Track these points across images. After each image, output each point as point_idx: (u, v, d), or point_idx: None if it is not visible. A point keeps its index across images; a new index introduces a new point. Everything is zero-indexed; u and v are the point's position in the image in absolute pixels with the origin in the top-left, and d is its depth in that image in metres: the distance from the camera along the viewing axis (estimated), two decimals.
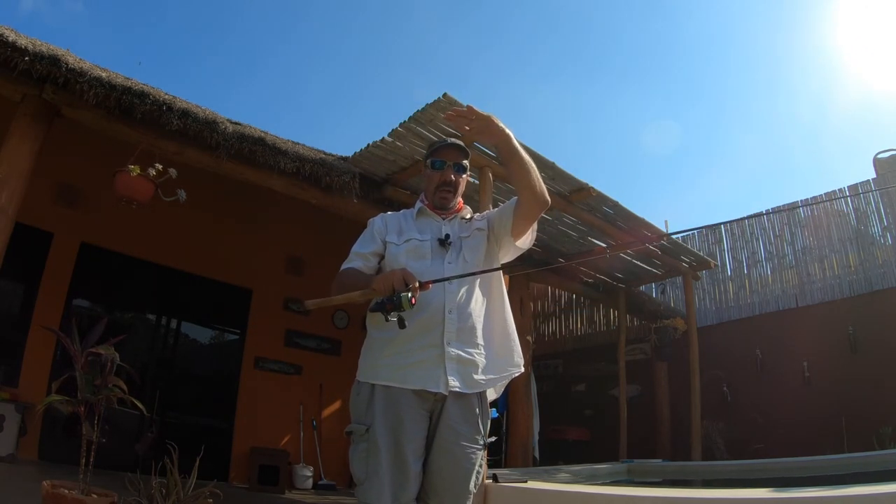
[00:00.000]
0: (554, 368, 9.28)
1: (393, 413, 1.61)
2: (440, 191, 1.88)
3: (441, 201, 1.88)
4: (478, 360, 1.71)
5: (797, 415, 6.31)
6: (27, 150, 3.64)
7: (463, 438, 1.66)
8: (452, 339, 1.67)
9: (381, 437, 1.59)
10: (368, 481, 1.57)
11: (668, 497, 3.11)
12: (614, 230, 5.83)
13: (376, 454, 1.58)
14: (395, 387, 1.63)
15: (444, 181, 1.87)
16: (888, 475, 3.28)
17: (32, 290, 5.24)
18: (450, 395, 1.64)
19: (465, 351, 1.68)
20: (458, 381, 1.65)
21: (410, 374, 1.63)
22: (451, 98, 4.09)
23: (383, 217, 1.94)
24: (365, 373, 1.72)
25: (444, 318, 1.67)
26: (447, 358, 1.65)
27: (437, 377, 1.63)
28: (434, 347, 1.65)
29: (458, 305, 1.71)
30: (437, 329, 1.66)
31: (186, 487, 3.06)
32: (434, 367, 1.64)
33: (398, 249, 1.79)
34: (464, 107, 1.68)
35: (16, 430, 4.61)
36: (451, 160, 1.87)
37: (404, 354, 1.65)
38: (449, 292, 1.70)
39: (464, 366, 1.67)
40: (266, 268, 6.78)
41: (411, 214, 1.93)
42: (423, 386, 1.62)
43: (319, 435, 6.64)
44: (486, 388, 1.75)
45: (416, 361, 1.64)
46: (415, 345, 1.65)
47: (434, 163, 1.89)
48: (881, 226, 6.75)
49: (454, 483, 1.64)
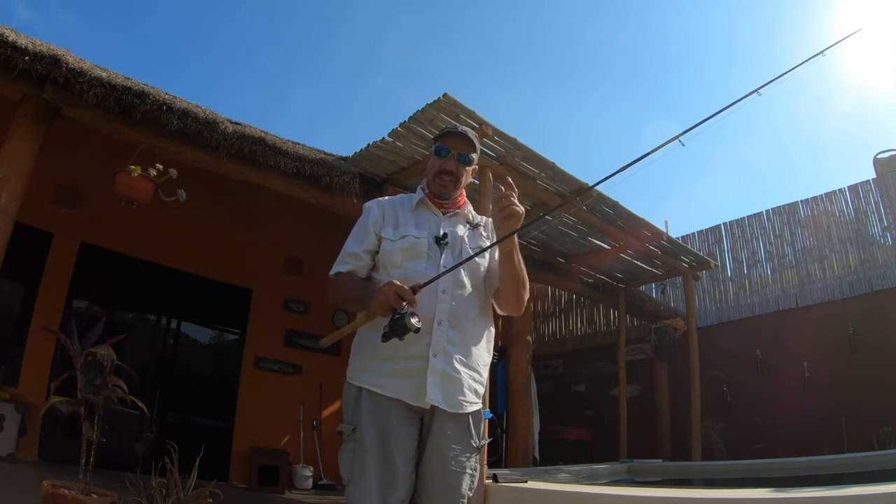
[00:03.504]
0: (554, 368, 9.28)
1: (380, 415, 1.57)
2: (439, 178, 1.78)
3: (440, 188, 1.78)
4: (464, 380, 1.62)
5: (797, 415, 6.31)
6: (27, 150, 3.64)
7: (454, 441, 1.61)
8: (439, 352, 1.58)
9: (367, 437, 1.55)
10: (355, 482, 1.53)
11: (668, 497, 3.11)
12: (614, 230, 5.84)
13: (363, 454, 1.54)
14: (378, 393, 1.58)
15: (443, 170, 1.77)
16: (888, 475, 3.29)
17: (32, 290, 5.24)
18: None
19: (453, 367, 1.60)
20: (440, 396, 1.57)
21: (392, 383, 1.58)
22: (451, 98, 4.09)
23: (380, 204, 1.81)
24: (353, 374, 1.67)
25: (432, 328, 1.58)
26: (430, 371, 1.56)
27: (418, 391, 1.56)
28: (418, 359, 1.57)
29: (451, 316, 1.62)
30: (422, 340, 1.56)
31: (186, 487, 3.06)
32: (415, 379, 1.57)
33: (393, 246, 1.69)
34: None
35: (16, 430, 4.60)
36: (457, 149, 1.77)
37: (389, 361, 1.59)
38: (441, 301, 1.61)
39: (448, 383, 1.59)
40: (266, 268, 6.78)
41: (409, 203, 1.82)
42: (403, 398, 1.57)
43: (319, 435, 6.64)
44: (471, 411, 1.66)
45: (399, 370, 1.58)
46: (400, 353, 1.57)
47: (439, 149, 1.79)
48: (881, 226, 6.75)
49: (446, 486, 1.59)
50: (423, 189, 1.85)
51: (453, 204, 1.82)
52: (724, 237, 8.10)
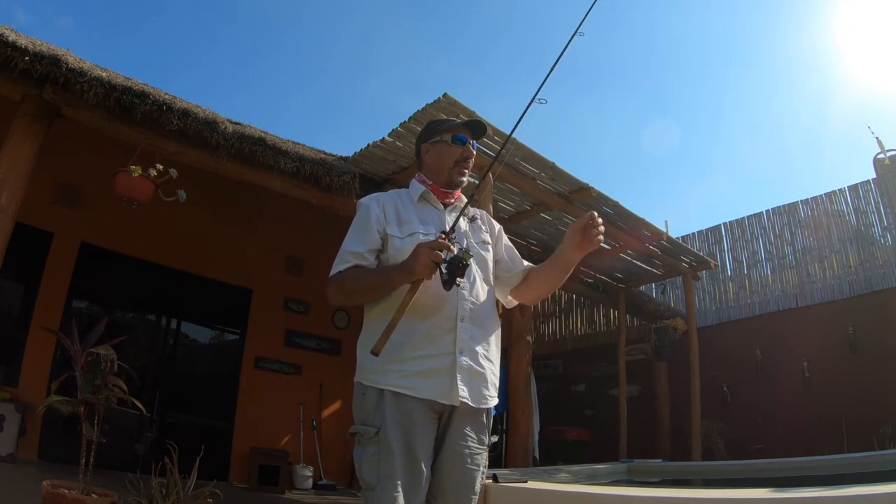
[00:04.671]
0: (554, 368, 9.28)
1: (404, 416, 1.53)
2: (459, 165, 1.76)
3: (459, 178, 1.77)
4: (487, 375, 1.64)
5: (797, 415, 6.31)
6: (27, 150, 3.64)
7: (472, 441, 1.61)
8: (465, 349, 1.59)
9: (393, 440, 1.50)
10: (381, 485, 1.48)
11: (668, 497, 3.11)
12: (614, 230, 5.84)
13: (389, 458, 1.49)
14: (405, 394, 1.55)
15: (465, 156, 1.76)
16: (888, 475, 3.29)
17: (32, 289, 5.24)
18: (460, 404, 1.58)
19: (478, 363, 1.61)
20: (467, 394, 1.57)
21: (421, 384, 1.54)
22: (451, 98, 4.09)
23: (378, 201, 1.75)
24: (368, 375, 1.60)
25: (455, 325, 1.59)
26: (458, 368, 1.56)
27: (448, 389, 1.55)
28: (445, 356, 1.56)
29: (471, 312, 1.63)
30: (447, 337, 1.57)
31: (186, 487, 3.06)
32: (444, 377, 1.55)
33: (402, 244, 1.63)
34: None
35: (16, 430, 4.60)
36: (471, 138, 1.78)
37: (412, 361, 1.55)
38: (461, 298, 1.61)
39: (474, 378, 1.60)
40: (266, 268, 6.78)
41: (408, 197, 1.78)
42: (433, 397, 1.55)
43: (319, 435, 6.64)
44: (491, 405, 1.68)
45: (425, 370, 1.55)
46: (424, 352, 1.55)
47: (457, 138, 1.76)
48: (881, 226, 6.75)
49: (462, 486, 1.60)
50: (425, 182, 1.79)
51: (454, 195, 1.81)
52: (724, 237, 8.10)
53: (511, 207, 5.60)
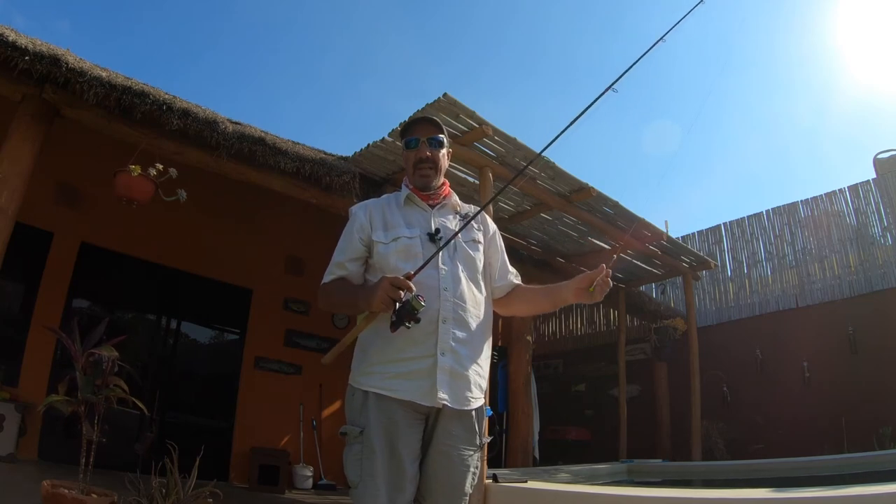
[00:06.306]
0: (554, 368, 9.28)
1: (387, 417, 1.56)
2: (419, 169, 1.78)
3: (423, 180, 1.78)
4: (471, 377, 1.62)
5: (797, 415, 6.31)
6: (27, 150, 3.64)
7: (459, 440, 1.62)
8: (447, 350, 1.57)
9: (375, 439, 1.54)
10: (363, 484, 1.52)
11: (668, 497, 3.11)
12: (614, 230, 5.84)
13: (371, 456, 1.53)
14: (387, 396, 1.57)
15: (420, 158, 1.78)
16: (888, 475, 3.29)
17: (32, 289, 5.23)
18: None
19: (460, 364, 1.60)
20: (448, 395, 1.56)
21: (401, 385, 1.56)
22: (451, 98, 4.09)
23: (366, 208, 1.78)
24: (358, 378, 1.64)
25: (437, 327, 1.57)
26: (440, 370, 1.55)
27: (429, 390, 1.55)
28: (426, 359, 1.56)
29: (454, 313, 1.61)
30: (429, 339, 1.57)
31: (186, 487, 3.07)
32: (425, 379, 1.56)
33: (387, 249, 1.67)
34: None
35: (16, 430, 4.60)
36: (424, 135, 1.78)
37: (395, 363, 1.58)
38: (444, 299, 1.60)
39: (456, 380, 1.59)
40: (266, 268, 6.77)
41: (396, 201, 1.80)
42: (412, 398, 1.55)
43: (319, 435, 6.64)
44: (474, 407, 1.65)
45: (405, 372, 1.56)
46: (406, 355, 1.57)
47: (408, 142, 1.81)
48: (881, 226, 6.75)
49: (450, 486, 1.61)
50: (408, 185, 1.84)
51: (439, 194, 1.82)
52: (724, 237, 8.10)
53: (511, 207, 5.60)
